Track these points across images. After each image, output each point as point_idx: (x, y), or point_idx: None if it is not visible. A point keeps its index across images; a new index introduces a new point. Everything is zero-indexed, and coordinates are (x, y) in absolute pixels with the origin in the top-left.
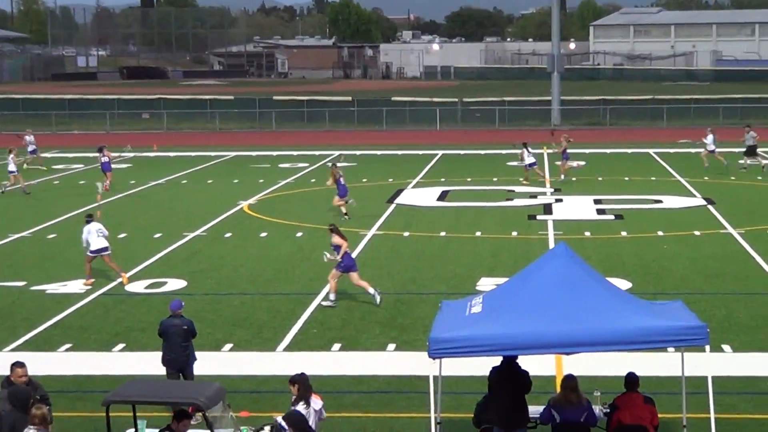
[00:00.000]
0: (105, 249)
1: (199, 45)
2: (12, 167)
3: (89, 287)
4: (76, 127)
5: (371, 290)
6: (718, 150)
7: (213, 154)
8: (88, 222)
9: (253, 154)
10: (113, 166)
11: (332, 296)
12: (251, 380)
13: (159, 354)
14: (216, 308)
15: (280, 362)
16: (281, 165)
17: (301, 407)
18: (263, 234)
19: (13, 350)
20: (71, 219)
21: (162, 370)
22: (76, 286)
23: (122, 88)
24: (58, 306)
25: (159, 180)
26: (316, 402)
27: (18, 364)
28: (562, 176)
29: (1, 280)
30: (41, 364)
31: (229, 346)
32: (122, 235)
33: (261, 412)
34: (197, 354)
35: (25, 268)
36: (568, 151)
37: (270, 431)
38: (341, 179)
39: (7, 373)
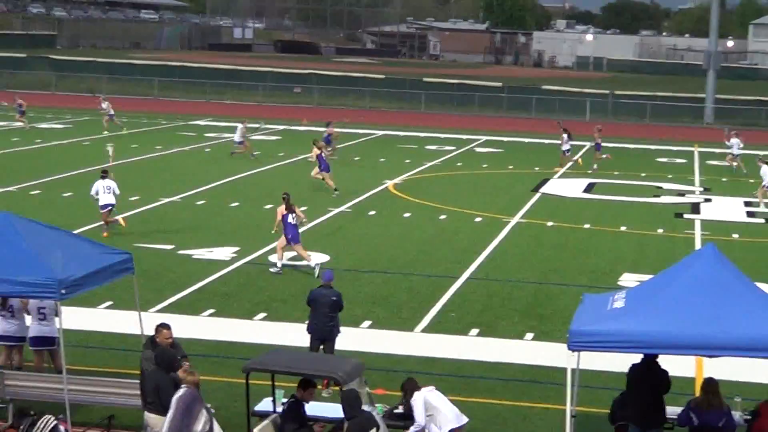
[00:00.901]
0: (110, 205)
1: (353, 22)
2: (238, 137)
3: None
4: (228, 97)
5: (312, 263)
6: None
7: (361, 131)
8: (102, 178)
9: (401, 134)
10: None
11: (312, 263)
12: (388, 358)
13: (299, 325)
14: (356, 285)
15: (417, 343)
16: (428, 147)
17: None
18: (407, 214)
19: (158, 311)
20: (220, 186)
21: (301, 341)
22: (222, 253)
23: (276, 61)
24: (204, 271)
25: (307, 154)
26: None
27: (164, 326)
28: (595, 166)
29: (150, 243)
30: (184, 327)
31: (368, 323)
32: (268, 206)
33: (397, 390)
34: None
35: (174, 233)
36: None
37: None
38: (323, 154)
39: (152, 333)
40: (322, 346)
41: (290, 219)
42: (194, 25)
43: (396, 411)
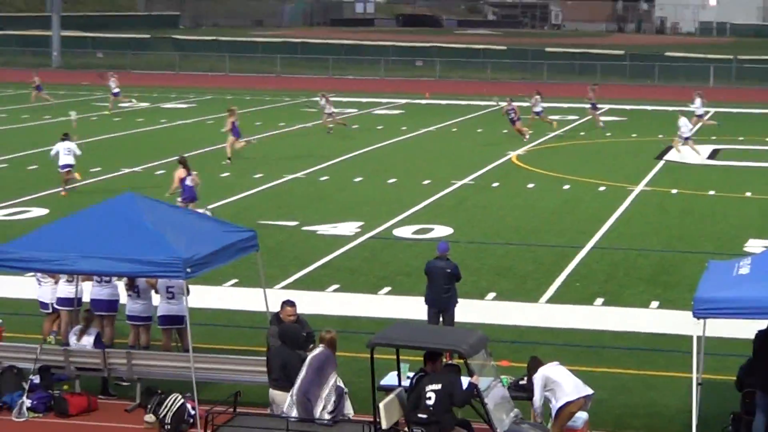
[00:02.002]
0: (68, 166)
1: None
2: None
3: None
4: (351, 72)
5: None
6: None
7: (483, 103)
8: (63, 140)
9: (524, 104)
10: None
11: None
12: (513, 330)
13: (423, 299)
14: (480, 257)
15: (542, 313)
16: (551, 117)
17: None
18: (530, 185)
19: (283, 288)
20: (343, 162)
21: (426, 315)
22: (346, 228)
23: (397, 35)
24: (328, 247)
25: (430, 127)
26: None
27: (288, 303)
28: (601, 124)
29: (274, 219)
30: (310, 303)
31: (492, 294)
32: (391, 181)
33: (522, 362)
34: (461, 301)
35: (298, 209)
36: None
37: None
38: (236, 123)
39: (277, 309)
40: (441, 318)
41: (188, 181)
42: (316, 1)
43: (521, 383)
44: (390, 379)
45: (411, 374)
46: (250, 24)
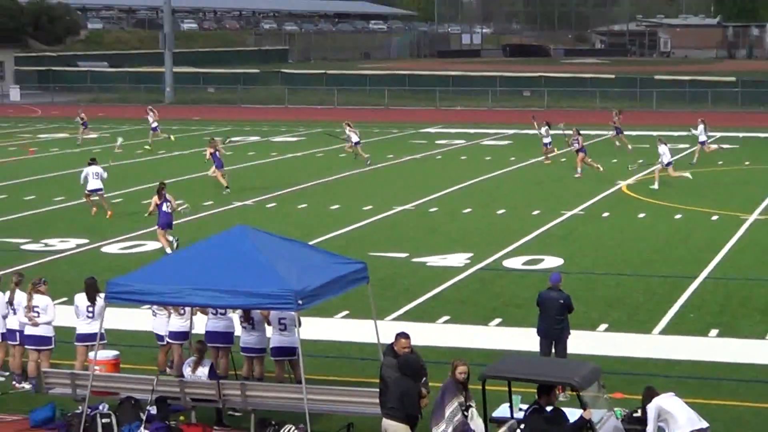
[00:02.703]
0: (99, 189)
1: (581, 23)
2: (355, 138)
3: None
4: (459, 104)
5: (167, 250)
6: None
7: (591, 132)
8: (90, 164)
9: (633, 133)
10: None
11: (168, 250)
12: (626, 362)
13: (534, 330)
14: (591, 287)
15: (656, 345)
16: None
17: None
18: (641, 215)
19: (394, 320)
20: (452, 193)
21: (537, 347)
22: (456, 259)
23: (504, 65)
24: (438, 278)
25: (539, 157)
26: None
27: (403, 335)
28: (630, 147)
29: (384, 251)
30: (420, 335)
31: (604, 326)
32: (500, 211)
33: (635, 394)
34: (573, 332)
35: (408, 240)
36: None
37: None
38: (218, 153)
39: (389, 341)
40: (553, 349)
41: (164, 207)
42: (422, 33)
43: (635, 415)
44: (502, 410)
45: (523, 406)
46: (358, 57)
